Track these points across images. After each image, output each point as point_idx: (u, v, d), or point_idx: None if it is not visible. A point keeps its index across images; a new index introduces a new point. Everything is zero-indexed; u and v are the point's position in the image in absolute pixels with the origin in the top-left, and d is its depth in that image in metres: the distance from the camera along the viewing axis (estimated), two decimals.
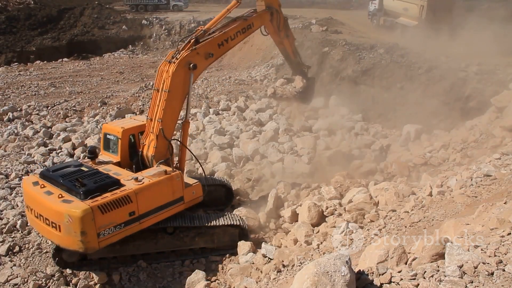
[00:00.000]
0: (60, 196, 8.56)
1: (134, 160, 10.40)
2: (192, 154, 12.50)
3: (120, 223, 8.79)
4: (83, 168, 9.49)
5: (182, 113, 10.81)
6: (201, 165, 12.14)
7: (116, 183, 9.04)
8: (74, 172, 9.28)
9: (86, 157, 10.16)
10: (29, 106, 21.04)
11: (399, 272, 4.86)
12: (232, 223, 10.45)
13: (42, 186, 8.99)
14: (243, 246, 10.40)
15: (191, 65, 9.90)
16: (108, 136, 10.72)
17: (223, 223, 10.41)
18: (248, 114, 20.35)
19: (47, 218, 8.62)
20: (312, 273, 4.36)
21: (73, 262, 9.71)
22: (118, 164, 10.33)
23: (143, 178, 9.35)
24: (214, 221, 10.45)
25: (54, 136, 17.48)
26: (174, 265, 10.23)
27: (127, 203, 8.81)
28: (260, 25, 11.84)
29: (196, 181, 10.77)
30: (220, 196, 12.40)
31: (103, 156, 10.78)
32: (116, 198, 8.65)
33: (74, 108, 21.13)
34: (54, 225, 8.48)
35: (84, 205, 8.28)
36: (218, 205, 12.38)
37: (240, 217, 10.92)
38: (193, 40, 10.09)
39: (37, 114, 20.26)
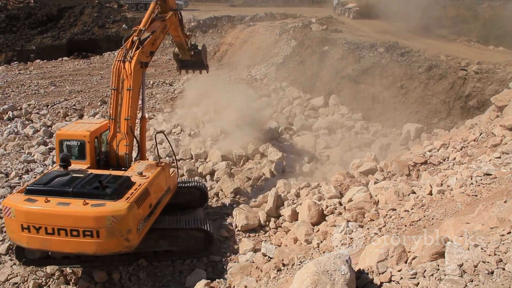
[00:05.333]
0: (85, 203, 8.12)
1: (101, 162, 10.23)
2: (173, 151, 13.03)
3: (145, 216, 8.92)
4: (78, 175, 9.04)
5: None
6: (175, 160, 12.61)
7: (129, 180, 9.02)
8: (76, 178, 8.82)
9: (59, 165, 9.49)
10: (29, 105, 21.06)
11: (399, 271, 4.87)
12: (196, 226, 10.21)
13: (47, 200, 8.25)
14: (244, 244, 10.43)
15: (142, 63, 10.31)
16: (67, 143, 10.20)
17: (187, 226, 10.19)
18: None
19: (75, 230, 8.08)
20: (312, 272, 4.36)
21: (37, 259, 9.59)
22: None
23: (143, 173, 9.43)
24: (178, 223, 10.25)
25: (54, 135, 17.49)
26: (175, 264, 10.23)
27: (147, 196, 9.00)
28: (171, 25, 12.50)
29: (173, 170, 11.05)
30: (194, 198, 12.26)
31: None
32: (141, 192, 8.72)
33: (74, 107, 21.16)
34: (88, 233, 8.06)
35: (124, 203, 8.21)
36: (192, 207, 12.17)
37: (207, 220, 10.68)
38: (137, 39, 10.39)
39: (37, 113, 20.29)
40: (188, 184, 12.40)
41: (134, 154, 10.72)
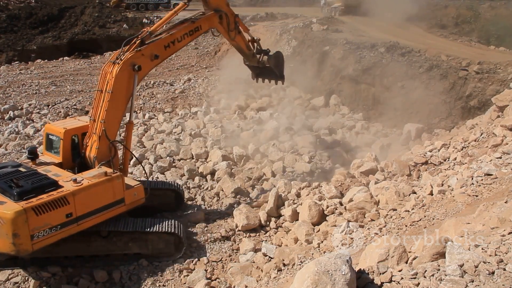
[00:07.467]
0: None
1: (76, 161, 10.18)
2: (135, 157, 13.35)
3: (56, 224, 8.58)
4: (21, 169, 9.23)
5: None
6: (143, 168, 12.83)
7: (53, 184, 8.83)
8: (11, 173, 9.01)
9: (27, 158, 9.86)
10: (30, 104, 21.06)
11: (400, 271, 4.87)
12: (166, 230, 10.12)
13: None
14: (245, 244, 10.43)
15: (135, 67, 9.81)
16: (50, 137, 10.42)
17: (157, 230, 10.06)
18: (248, 112, 20.38)
19: None
20: (313, 272, 4.36)
21: (2, 261, 9.55)
22: (60, 165, 10.06)
23: (82, 180, 9.17)
24: (149, 227, 10.08)
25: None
26: (175, 264, 10.23)
27: (63, 204, 8.64)
28: (208, 27, 11.84)
29: (138, 182, 10.57)
30: (170, 201, 12.14)
31: (45, 157, 10.44)
32: (51, 199, 8.47)
33: (75, 106, 21.15)
34: None
35: (17, 206, 8.08)
36: (168, 210, 12.06)
37: (178, 224, 10.50)
38: (138, 41, 10.02)
39: (38, 112, 20.28)
40: (162, 186, 12.20)
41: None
